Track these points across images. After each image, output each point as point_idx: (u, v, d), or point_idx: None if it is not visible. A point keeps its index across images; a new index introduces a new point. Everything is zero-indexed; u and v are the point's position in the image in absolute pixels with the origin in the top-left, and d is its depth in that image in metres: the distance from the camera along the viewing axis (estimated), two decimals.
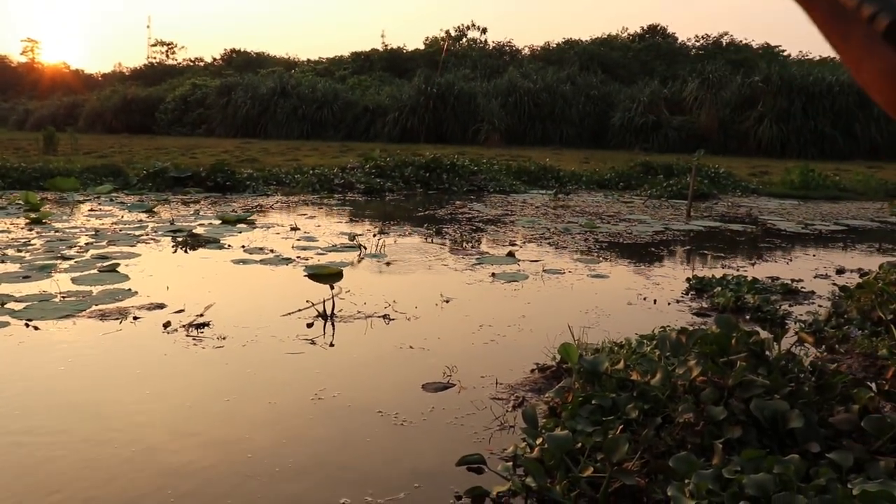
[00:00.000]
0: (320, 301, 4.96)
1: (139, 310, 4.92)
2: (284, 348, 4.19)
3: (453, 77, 32.39)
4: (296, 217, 10.00)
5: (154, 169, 13.60)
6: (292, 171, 15.27)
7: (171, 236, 7.93)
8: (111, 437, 3.03)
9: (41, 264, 6.27)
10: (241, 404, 3.40)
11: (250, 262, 6.67)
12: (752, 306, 5.24)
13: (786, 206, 13.45)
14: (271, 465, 2.81)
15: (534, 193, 14.31)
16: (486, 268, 6.64)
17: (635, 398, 3.05)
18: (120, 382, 3.67)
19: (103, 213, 9.98)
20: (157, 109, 36.58)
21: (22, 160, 15.13)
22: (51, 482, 2.66)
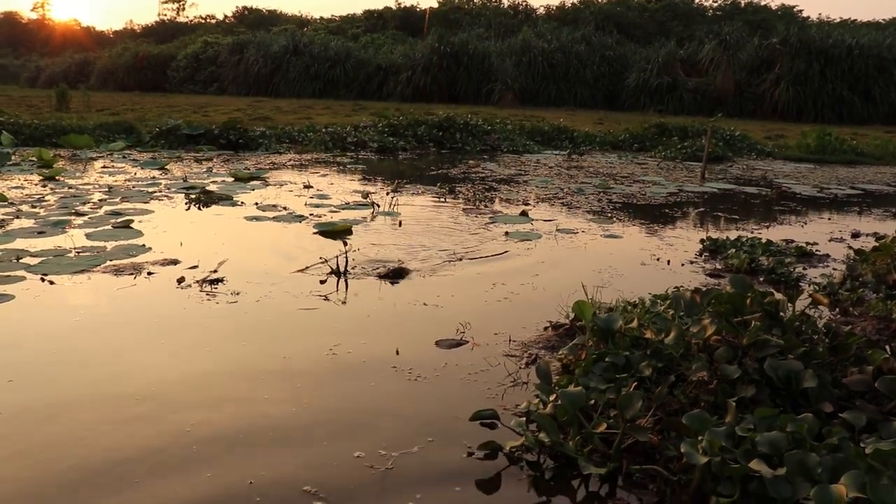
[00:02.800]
0: (333, 257, 4.96)
1: (153, 265, 4.94)
2: (298, 304, 4.21)
3: (467, 36, 32.06)
4: (309, 175, 9.98)
5: (166, 126, 13.57)
6: (305, 129, 15.21)
7: (184, 193, 7.94)
8: (127, 392, 3.06)
9: (55, 220, 6.29)
10: (255, 359, 3.42)
11: (263, 219, 6.68)
12: (766, 268, 5.21)
13: (801, 169, 13.32)
14: (285, 420, 2.83)
15: (547, 154, 14.23)
16: (499, 226, 6.62)
17: (649, 356, 3.05)
18: (134, 337, 3.70)
19: (116, 170, 9.98)
20: (168, 67, 36.43)
21: (35, 117, 15.13)
22: (68, 437, 2.69)
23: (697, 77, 28.85)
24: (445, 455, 2.58)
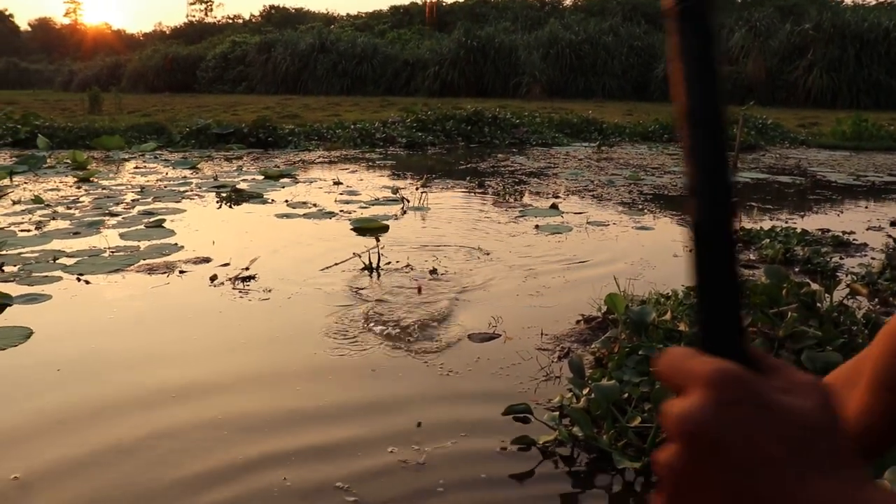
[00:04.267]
0: (365, 251, 4.97)
1: (186, 264, 4.98)
2: (330, 300, 4.22)
3: (494, 30, 31.96)
4: (338, 171, 10.02)
5: (196, 126, 13.69)
6: (334, 126, 15.26)
7: (215, 192, 8.00)
8: (163, 385, 3.09)
9: (90, 221, 6.38)
10: (287, 354, 3.44)
11: (294, 217, 6.71)
12: (801, 258, 5.13)
13: (836, 157, 13.10)
14: (316, 415, 2.84)
15: (576, 146, 14.14)
16: (529, 220, 6.59)
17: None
18: (168, 334, 3.73)
19: (148, 170, 10.09)
20: (197, 68, 36.77)
21: (69, 120, 15.35)
22: (108, 428, 2.72)
23: (728, 65, 28.51)
24: (479, 450, 2.57)
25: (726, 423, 0.41)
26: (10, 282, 4.53)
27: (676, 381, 0.45)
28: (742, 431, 0.41)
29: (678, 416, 0.43)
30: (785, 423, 0.42)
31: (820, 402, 0.43)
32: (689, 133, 0.51)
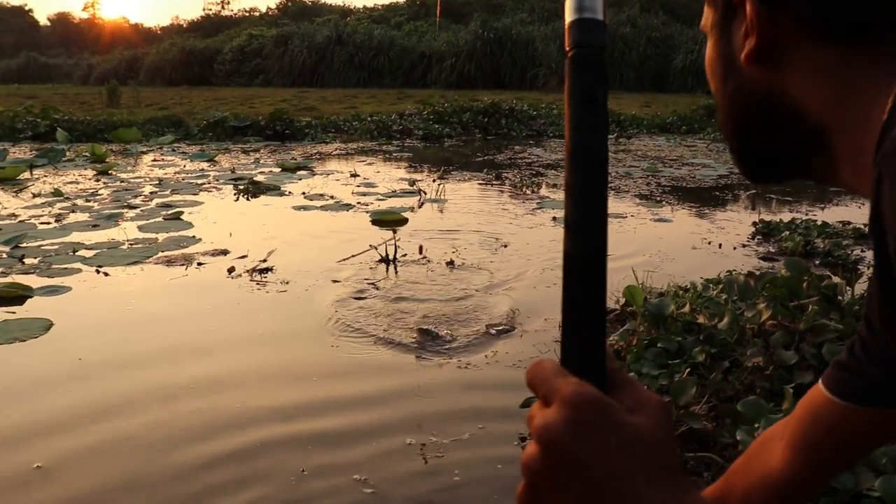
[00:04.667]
0: (381, 243, 4.97)
1: (203, 256, 5.01)
2: (347, 292, 4.23)
3: (510, 21, 31.83)
4: (355, 164, 10.02)
5: (214, 119, 13.74)
6: (350, 118, 15.27)
7: (233, 184, 8.03)
8: (182, 375, 3.10)
9: (109, 213, 6.42)
10: (305, 345, 3.45)
11: (311, 209, 6.72)
12: (822, 251, 5.08)
13: None
14: (334, 404, 2.85)
15: None
16: (547, 212, 6.57)
17: (702, 342, 3.00)
18: (188, 326, 3.75)
19: (166, 162, 10.14)
20: (214, 61, 36.85)
21: (87, 114, 15.43)
22: (127, 418, 2.74)
23: None
24: (496, 442, 2.56)
25: (579, 439, 0.49)
26: (30, 274, 4.56)
27: (541, 393, 0.53)
28: (592, 448, 0.49)
29: (540, 426, 0.51)
30: (628, 442, 0.49)
31: (659, 421, 0.51)
32: (570, 170, 0.55)
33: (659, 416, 0.52)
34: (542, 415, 0.52)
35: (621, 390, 0.53)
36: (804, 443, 1.01)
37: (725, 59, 0.77)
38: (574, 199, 0.55)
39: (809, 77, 0.70)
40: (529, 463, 0.52)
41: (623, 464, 0.49)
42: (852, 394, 0.92)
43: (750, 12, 0.70)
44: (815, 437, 0.99)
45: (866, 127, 0.65)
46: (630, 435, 0.49)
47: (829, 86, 0.69)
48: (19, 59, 45.22)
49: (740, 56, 0.73)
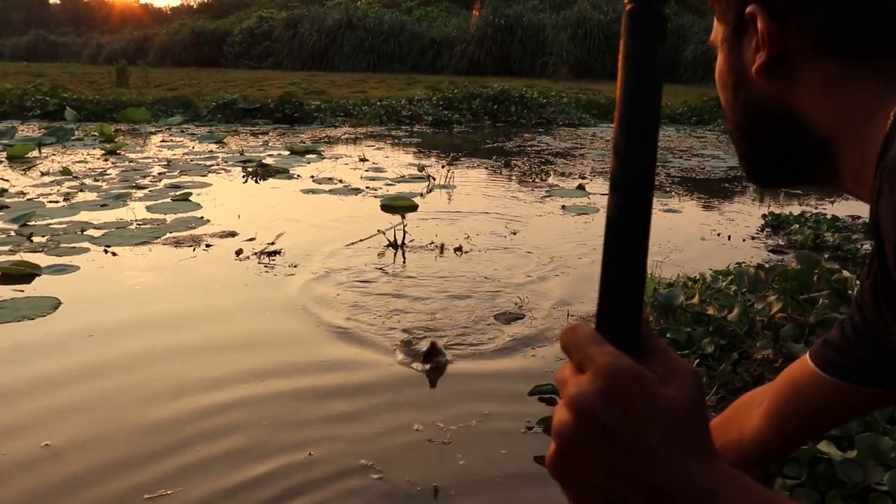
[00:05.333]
0: (389, 228, 4.96)
1: (212, 237, 5.00)
2: (355, 276, 4.22)
3: (521, 8, 31.66)
4: (364, 148, 10.00)
5: (223, 101, 13.71)
6: (360, 102, 15.23)
7: (241, 166, 8.02)
8: (190, 358, 3.11)
9: (117, 193, 6.42)
10: (312, 329, 3.44)
11: (319, 192, 6.71)
12: (831, 244, 5.06)
13: None
14: (341, 390, 2.84)
15: (603, 127, 14.01)
16: (556, 200, 6.55)
17: (711, 333, 2.99)
18: (196, 306, 3.76)
19: (174, 143, 10.13)
20: (224, 43, 36.77)
21: (96, 93, 15.42)
22: (135, 399, 2.74)
23: None
24: (504, 430, 2.56)
25: (613, 411, 0.50)
26: (38, 252, 4.57)
27: (576, 359, 0.53)
28: (625, 419, 0.50)
29: (575, 395, 0.51)
30: (661, 413, 0.50)
31: (691, 391, 0.53)
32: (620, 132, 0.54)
33: (691, 385, 0.53)
34: (575, 382, 0.52)
35: (654, 357, 0.54)
36: (781, 413, 1.12)
37: (736, 71, 0.83)
38: (621, 162, 0.54)
39: (816, 89, 0.76)
40: (561, 430, 0.52)
41: (656, 435, 0.50)
42: (842, 372, 1.01)
43: (761, 28, 0.76)
44: (792, 408, 1.10)
45: (868, 138, 0.68)
46: (663, 406, 0.50)
47: (834, 98, 0.74)
48: (28, 37, 45.13)
49: (751, 69, 0.79)
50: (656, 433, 0.50)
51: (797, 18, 0.75)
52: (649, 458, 0.50)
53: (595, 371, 0.51)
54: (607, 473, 0.51)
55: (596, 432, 0.50)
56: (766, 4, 0.77)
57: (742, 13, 0.79)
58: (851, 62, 0.73)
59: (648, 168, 0.53)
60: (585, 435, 0.51)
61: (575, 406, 0.51)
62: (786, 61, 0.77)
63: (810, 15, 0.74)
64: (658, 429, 0.50)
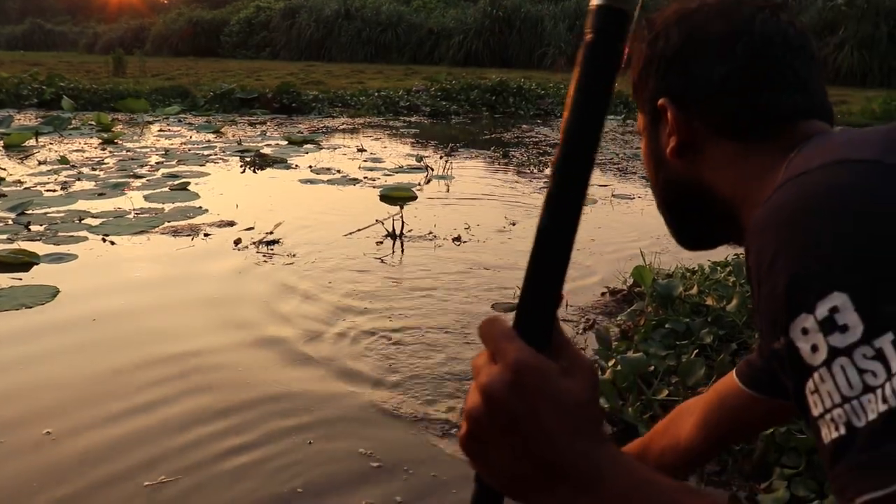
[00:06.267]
0: (388, 218, 4.96)
1: (210, 227, 5.00)
2: (353, 266, 4.22)
3: (519, 0, 31.58)
4: (362, 138, 9.98)
5: (220, 90, 13.68)
6: (357, 93, 15.19)
7: (239, 156, 8.00)
8: (189, 346, 3.11)
9: (115, 182, 6.40)
10: (311, 318, 3.44)
11: (318, 182, 6.70)
12: None
13: None
14: (337, 383, 2.85)
15: None
16: None
17: (710, 324, 2.99)
18: (194, 295, 3.75)
19: (172, 133, 10.11)
20: (221, 32, 36.64)
21: (93, 82, 15.37)
22: (132, 385, 2.74)
23: None
24: None
25: (517, 400, 0.56)
26: (36, 241, 4.56)
27: (490, 350, 0.59)
28: (527, 408, 0.56)
29: (485, 383, 0.57)
30: (559, 402, 0.56)
31: (588, 383, 0.59)
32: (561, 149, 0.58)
33: (588, 378, 0.59)
34: (487, 371, 0.57)
35: (560, 352, 0.59)
36: (709, 422, 1.32)
37: (655, 154, 1.00)
38: (558, 178, 0.58)
39: (718, 165, 0.92)
40: (472, 412, 0.58)
41: (553, 422, 0.56)
42: (757, 385, 1.23)
43: (671, 117, 0.94)
44: (719, 418, 1.31)
45: (759, 202, 0.78)
46: (561, 397, 0.56)
47: (733, 170, 0.90)
48: (24, 26, 44.95)
49: (666, 151, 0.96)
50: (554, 420, 0.56)
51: (699, 109, 0.92)
52: (546, 441, 0.56)
53: (505, 364, 0.56)
54: (511, 453, 0.57)
55: (502, 417, 0.56)
56: (674, 98, 0.94)
57: (655, 105, 0.96)
58: (744, 141, 0.90)
59: (583, 186, 0.58)
60: (493, 419, 0.57)
61: (485, 393, 0.57)
62: (692, 144, 0.93)
63: (709, 106, 0.91)
64: (555, 416, 0.56)
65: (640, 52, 1.01)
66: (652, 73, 0.98)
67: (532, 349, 0.57)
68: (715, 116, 0.91)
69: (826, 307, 0.62)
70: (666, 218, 1.08)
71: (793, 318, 0.65)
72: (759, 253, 0.71)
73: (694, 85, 0.93)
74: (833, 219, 0.67)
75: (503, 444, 0.57)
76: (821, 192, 0.70)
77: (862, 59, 25.79)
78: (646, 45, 0.99)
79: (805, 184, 0.72)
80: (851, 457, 0.59)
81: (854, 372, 0.60)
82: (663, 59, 0.96)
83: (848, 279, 0.62)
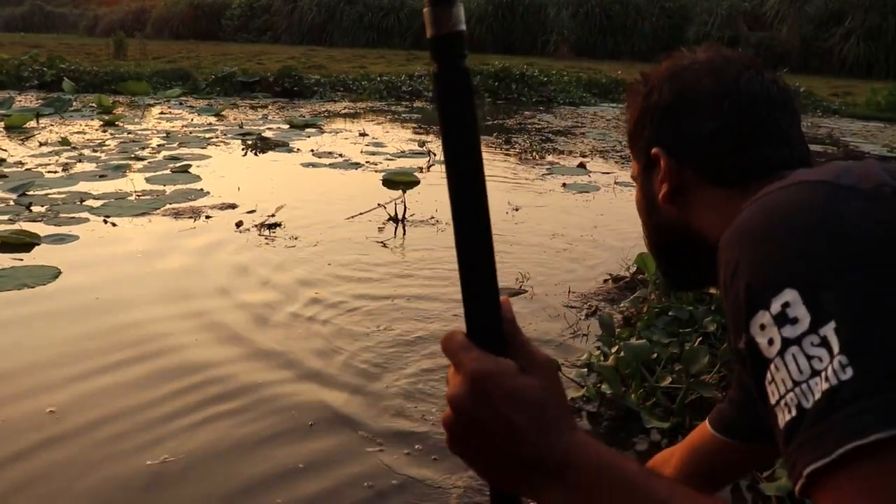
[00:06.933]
0: (390, 202, 4.94)
1: (211, 209, 4.98)
2: (355, 249, 4.21)
3: None
4: (363, 123, 9.95)
5: (222, 74, 13.63)
6: (359, 77, 15.14)
7: (241, 139, 7.98)
8: (190, 323, 3.11)
9: (116, 164, 6.38)
10: (311, 304, 3.43)
11: (319, 166, 6.68)
12: None
13: (870, 128, 12.82)
14: (341, 367, 2.84)
15: (604, 106, 13.95)
16: (556, 178, 6.52)
17: (713, 312, 2.98)
18: (195, 278, 3.74)
19: (173, 116, 10.07)
20: (222, 16, 36.49)
21: (94, 65, 15.31)
22: (135, 363, 2.74)
23: (761, 31, 27.88)
24: None
25: (480, 406, 0.61)
26: (37, 222, 4.55)
27: (453, 363, 0.64)
28: (491, 411, 0.61)
29: (450, 396, 0.63)
30: (519, 400, 0.61)
31: (548, 379, 0.64)
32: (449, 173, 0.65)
33: (546, 373, 0.64)
34: (452, 384, 0.63)
35: (517, 351, 0.64)
36: (686, 471, 1.37)
37: (648, 199, 1.07)
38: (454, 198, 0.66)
39: (706, 209, 0.99)
40: (446, 422, 0.64)
41: (517, 419, 0.61)
42: (730, 431, 1.27)
43: (663, 166, 1.01)
44: (694, 467, 1.36)
45: None
46: (520, 395, 0.61)
47: (719, 216, 0.95)
48: (24, 7, 44.75)
49: (658, 197, 1.03)
50: (517, 417, 0.61)
51: (689, 160, 0.99)
52: (513, 437, 0.61)
53: (464, 374, 0.62)
54: (485, 452, 0.63)
55: (470, 423, 0.62)
56: (667, 148, 1.01)
57: (649, 153, 1.03)
58: (731, 187, 0.96)
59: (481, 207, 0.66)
60: (463, 425, 0.63)
61: (452, 403, 0.63)
62: (682, 190, 1.00)
63: (699, 158, 0.99)
64: (518, 414, 0.61)
65: (636, 105, 1.08)
66: (647, 124, 1.05)
67: (490, 355, 0.62)
68: (704, 166, 0.99)
69: (779, 303, 0.68)
70: (656, 260, 1.16)
71: (752, 316, 0.71)
72: (724, 267, 0.77)
73: (684, 138, 1.00)
74: (784, 226, 0.73)
75: (477, 444, 0.63)
76: (775, 207, 0.76)
77: (868, 50, 25.67)
78: (641, 98, 1.07)
79: (763, 202, 0.78)
80: (801, 434, 0.63)
81: (803, 358, 0.65)
82: (657, 112, 1.03)
83: (796, 276, 0.68)
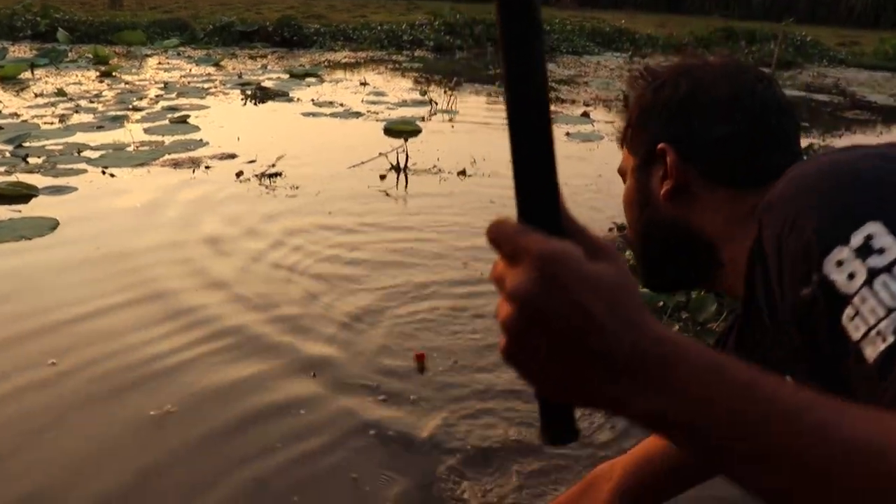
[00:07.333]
0: (391, 151, 4.88)
1: (211, 159, 4.92)
2: (357, 199, 4.17)
3: None
4: (364, 72, 9.81)
5: (220, 24, 13.40)
6: (360, 27, 14.90)
7: (240, 89, 7.86)
8: (190, 275, 3.08)
9: (113, 115, 6.29)
10: (310, 254, 3.40)
11: (320, 116, 6.60)
12: None
13: (877, 77, 12.64)
14: (336, 306, 2.82)
15: (608, 56, 13.76)
16: (559, 127, 6.43)
17: None
18: (196, 229, 3.70)
19: (171, 66, 9.92)
20: None
21: (89, 14, 15.06)
22: (134, 314, 2.71)
23: None
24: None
25: (552, 294, 0.51)
26: (35, 173, 4.50)
27: (506, 252, 0.54)
28: (565, 299, 0.51)
29: (513, 287, 0.52)
30: (596, 287, 0.51)
31: (619, 265, 0.55)
32: None
33: (617, 258, 0.55)
34: (512, 275, 0.52)
35: (577, 237, 0.55)
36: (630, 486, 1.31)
37: (643, 194, 1.05)
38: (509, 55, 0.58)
39: (707, 209, 0.99)
40: (508, 322, 0.53)
41: (599, 308, 0.51)
42: None
43: (669, 163, 1.00)
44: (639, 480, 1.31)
45: (744, 241, 0.87)
46: (595, 279, 0.52)
47: (722, 215, 0.98)
48: None
49: (657, 193, 1.02)
50: (595, 303, 0.51)
51: (697, 159, 0.99)
52: (597, 331, 0.51)
53: (528, 260, 0.52)
54: (561, 356, 0.52)
55: (539, 316, 0.51)
56: (675, 144, 1.00)
57: (653, 148, 1.02)
58: (737, 189, 0.97)
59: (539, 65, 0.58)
60: (530, 321, 0.52)
61: (516, 298, 0.51)
62: (686, 188, 1.00)
63: (708, 157, 0.99)
64: (595, 299, 0.51)
65: (642, 98, 1.06)
66: (654, 118, 1.03)
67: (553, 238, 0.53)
68: (713, 170, 0.99)
69: (861, 235, 0.67)
70: (640, 254, 1.12)
71: (826, 254, 0.69)
72: (776, 221, 0.76)
73: (694, 138, 0.99)
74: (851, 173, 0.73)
75: (548, 344, 0.52)
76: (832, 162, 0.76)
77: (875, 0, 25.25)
78: (650, 91, 1.05)
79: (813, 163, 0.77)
80: None
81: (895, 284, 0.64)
82: (668, 106, 1.02)
83: (878, 209, 0.68)
